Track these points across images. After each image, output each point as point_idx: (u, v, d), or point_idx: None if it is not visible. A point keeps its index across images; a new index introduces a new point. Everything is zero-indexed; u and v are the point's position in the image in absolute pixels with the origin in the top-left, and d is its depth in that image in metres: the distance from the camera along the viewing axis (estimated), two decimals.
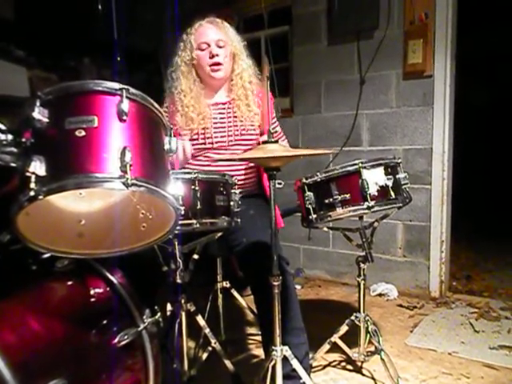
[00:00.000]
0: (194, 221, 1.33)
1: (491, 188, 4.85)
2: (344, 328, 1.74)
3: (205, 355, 1.69)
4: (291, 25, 3.10)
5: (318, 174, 1.51)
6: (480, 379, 1.76)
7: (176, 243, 1.44)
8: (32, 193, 0.81)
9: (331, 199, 1.48)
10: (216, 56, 1.72)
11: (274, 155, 1.23)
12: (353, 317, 1.74)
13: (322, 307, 2.66)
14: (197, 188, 1.34)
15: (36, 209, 0.87)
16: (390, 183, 1.50)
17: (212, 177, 1.43)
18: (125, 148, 0.86)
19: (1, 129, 0.88)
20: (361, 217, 1.70)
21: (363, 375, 1.83)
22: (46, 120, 0.87)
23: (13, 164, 0.88)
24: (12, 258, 1.05)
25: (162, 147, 1.01)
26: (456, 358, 1.94)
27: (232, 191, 1.46)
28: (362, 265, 1.72)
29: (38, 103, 0.87)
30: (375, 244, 1.77)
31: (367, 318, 1.73)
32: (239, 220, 1.47)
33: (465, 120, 3.00)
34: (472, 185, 4.41)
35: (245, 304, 2.18)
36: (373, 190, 1.46)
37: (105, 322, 1.06)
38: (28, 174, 0.81)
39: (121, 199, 1.03)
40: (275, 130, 1.89)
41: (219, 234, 1.52)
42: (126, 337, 1.04)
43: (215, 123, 1.76)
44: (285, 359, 1.38)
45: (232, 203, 1.45)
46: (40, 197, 0.82)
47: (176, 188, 1.00)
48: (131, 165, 0.85)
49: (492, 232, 4.08)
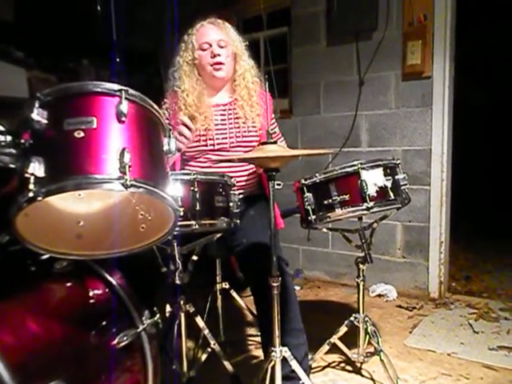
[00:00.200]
0: (193, 222, 1.33)
1: (490, 188, 4.86)
2: (343, 329, 1.74)
3: (204, 356, 1.69)
4: (290, 26, 3.10)
5: (317, 175, 1.51)
6: (479, 380, 1.76)
7: (175, 244, 1.44)
8: (31, 194, 0.81)
9: (330, 200, 1.49)
10: (218, 56, 1.72)
11: (273, 155, 1.23)
12: (352, 318, 1.74)
13: (322, 308, 2.66)
14: (196, 189, 1.34)
15: (35, 210, 0.87)
16: (389, 184, 1.50)
17: (211, 178, 1.43)
18: (124, 149, 0.86)
19: (0, 130, 0.88)
20: (360, 218, 1.70)
21: (362, 376, 1.83)
22: (45, 121, 0.87)
23: (12, 165, 0.88)
24: (11, 259, 1.05)
25: (161, 148, 1.01)
26: (455, 359, 1.94)
27: (231, 192, 1.46)
28: (362, 266, 1.72)
29: (37, 104, 0.87)
30: (374, 245, 1.77)
31: (366, 319, 1.73)
32: (239, 221, 1.47)
33: (464, 121, 3.00)
34: (471, 185, 4.41)
35: (244, 305, 2.18)
36: (372, 191, 1.46)
37: (104, 323, 1.06)
38: (27, 175, 0.81)
39: (120, 200, 1.03)
40: (274, 131, 1.89)
41: (218, 235, 1.52)
42: (125, 338, 1.04)
43: (216, 125, 1.75)
44: (284, 360, 1.38)
45: (231, 204, 1.45)
46: (39, 198, 0.82)
47: (175, 189, 1.00)
48: (130, 166, 0.85)
49: (491, 233, 4.08)
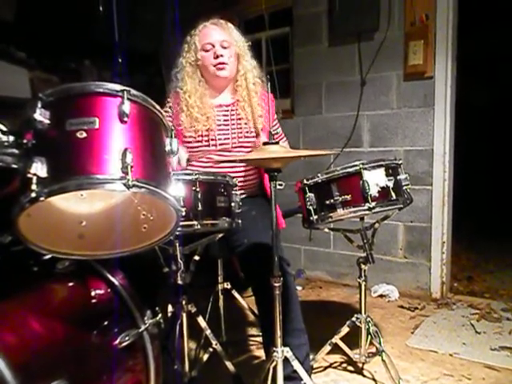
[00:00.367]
0: (195, 222, 1.33)
1: (492, 188, 4.85)
2: (345, 329, 1.74)
3: (206, 356, 1.69)
4: (292, 26, 3.10)
5: (319, 175, 1.51)
6: (481, 380, 1.76)
7: (177, 244, 1.44)
8: (33, 194, 0.82)
9: (332, 200, 1.48)
10: (221, 56, 1.72)
11: (275, 156, 1.23)
12: (354, 318, 1.74)
13: (323, 308, 2.66)
14: (198, 189, 1.34)
15: (37, 210, 0.87)
16: (391, 184, 1.50)
17: (213, 178, 1.43)
18: (126, 149, 0.87)
19: (2, 130, 0.89)
20: (362, 218, 1.70)
21: (364, 376, 1.82)
22: (48, 121, 0.87)
23: (14, 165, 0.88)
24: (13, 260, 1.05)
25: (163, 148, 1.01)
26: (457, 360, 1.94)
27: (233, 192, 1.46)
28: (363, 266, 1.72)
29: (40, 105, 0.87)
30: (376, 245, 1.77)
31: (368, 319, 1.73)
32: (240, 221, 1.47)
33: (466, 121, 2.99)
34: (473, 185, 4.40)
35: (246, 305, 2.18)
36: (374, 191, 1.46)
37: (106, 323, 1.06)
38: (29, 176, 0.81)
39: (122, 200, 1.03)
40: (276, 132, 1.89)
41: (220, 235, 1.52)
42: (127, 338, 1.04)
43: (219, 125, 1.76)
44: (286, 360, 1.38)
45: (233, 204, 1.45)
46: (41, 198, 0.82)
47: (177, 189, 1.00)
48: (132, 166, 0.85)
49: (493, 233, 4.07)
